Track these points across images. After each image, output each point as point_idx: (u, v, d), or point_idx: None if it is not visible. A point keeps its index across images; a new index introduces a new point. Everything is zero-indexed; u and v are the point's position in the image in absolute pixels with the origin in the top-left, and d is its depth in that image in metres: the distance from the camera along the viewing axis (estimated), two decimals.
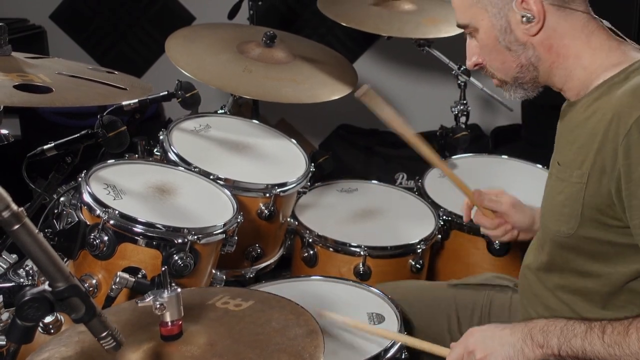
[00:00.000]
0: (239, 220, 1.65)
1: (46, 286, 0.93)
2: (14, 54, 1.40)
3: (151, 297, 1.02)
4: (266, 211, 1.83)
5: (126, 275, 1.44)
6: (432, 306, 1.66)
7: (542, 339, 1.22)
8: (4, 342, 1.34)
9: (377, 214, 2.11)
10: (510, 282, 1.69)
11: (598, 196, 1.22)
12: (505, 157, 2.43)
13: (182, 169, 1.78)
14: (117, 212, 1.50)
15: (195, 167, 1.79)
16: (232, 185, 1.78)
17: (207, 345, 1.04)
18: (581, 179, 1.24)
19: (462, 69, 2.53)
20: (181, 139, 1.91)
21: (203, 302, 1.15)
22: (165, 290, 1.02)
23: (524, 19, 1.27)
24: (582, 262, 1.31)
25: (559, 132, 1.41)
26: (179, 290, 1.03)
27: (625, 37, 1.33)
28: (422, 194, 2.18)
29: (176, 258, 1.51)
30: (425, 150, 1.63)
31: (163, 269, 1.04)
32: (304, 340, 1.04)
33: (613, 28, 1.33)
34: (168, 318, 1.03)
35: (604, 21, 1.33)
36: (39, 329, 1.38)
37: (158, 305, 1.02)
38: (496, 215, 1.63)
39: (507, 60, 1.33)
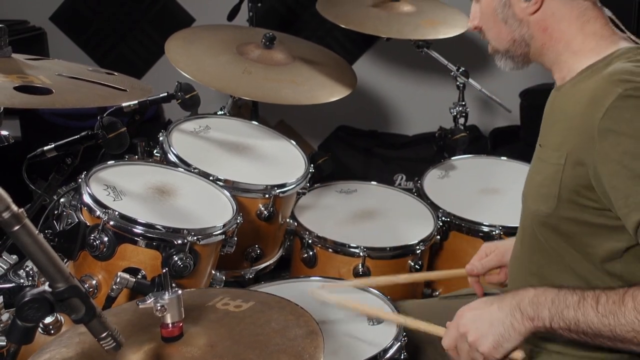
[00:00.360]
0: (238, 221, 1.65)
1: (46, 287, 0.94)
2: (14, 55, 1.40)
3: (152, 299, 1.02)
4: (265, 212, 1.83)
5: (127, 276, 1.45)
6: (425, 320, 1.66)
7: (532, 311, 1.19)
8: (5, 343, 1.35)
9: (376, 215, 2.12)
10: (498, 290, 1.70)
11: (575, 178, 1.23)
12: (504, 158, 2.44)
13: (182, 170, 1.79)
14: (117, 213, 1.50)
15: (194, 168, 1.79)
16: (232, 186, 1.79)
17: (207, 346, 1.04)
18: (559, 160, 1.26)
19: (460, 70, 2.54)
20: (181, 140, 1.91)
21: (203, 303, 1.16)
22: (166, 292, 1.02)
23: None
24: (561, 241, 1.31)
25: (543, 116, 1.43)
26: (180, 292, 1.04)
27: (623, 28, 1.35)
28: (421, 195, 2.19)
29: (176, 259, 1.51)
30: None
31: (164, 270, 1.04)
32: (303, 340, 1.04)
33: (613, 18, 1.35)
34: (169, 320, 1.03)
35: (605, 9, 1.34)
36: (39, 329, 1.38)
37: (159, 307, 1.02)
38: (500, 269, 1.64)
39: (501, 32, 1.36)
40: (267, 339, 1.05)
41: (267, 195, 1.83)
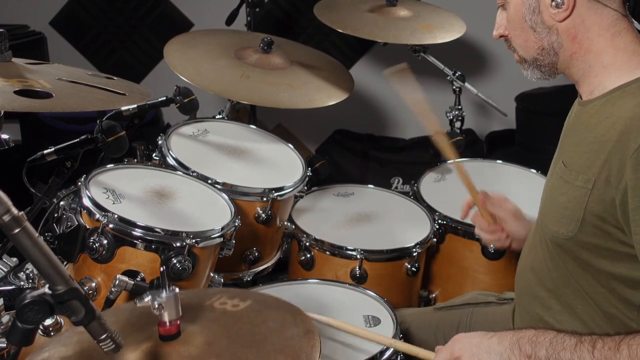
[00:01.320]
0: (236, 224, 1.67)
1: (46, 289, 0.94)
2: (14, 59, 1.41)
3: (150, 297, 1.03)
4: (263, 215, 1.85)
5: (125, 278, 1.46)
6: (421, 330, 1.68)
7: (530, 349, 1.21)
8: (5, 345, 1.36)
9: (373, 218, 2.13)
10: (494, 297, 1.70)
11: (601, 204, 1.22)
12: (500, 161, 2.46)
13: (181, 173, 1.80)
14: (116, 216, 1.51)
15: (193, 172, 1.81)
16: (230, 190, 1.80)
17: (204, 345, 1.05)
18: (586, 185, 1.24)
19: (457, 74, 2.56)
20: (179, 143, 1.93)
21: (201, 302, 1.17)
22: (164, 291, 1.03)
23: (553, 3, 1.27)
24: (577, 267, 1.31)
25: (565, 129, 1.40)
26: (177, 290, 1.04)
27: None
28: (417, 198, 2.20)
29: (174, 261, 1.52)
30: (444, 145, 1.64)
31: (162, 269, 1.05)
32: (300, 340, 1.05)
33: None
34: (166, 318, 1.04)
35: (635, 22, 1.31)
36: (39, 331, 1.39)
37: (156, 305, 1.03)
38: (495, 221, 1.64)
39: (529, 39, 1.32)
40: (264, 338, 1.06)
41: (265, 199, 1.84)
